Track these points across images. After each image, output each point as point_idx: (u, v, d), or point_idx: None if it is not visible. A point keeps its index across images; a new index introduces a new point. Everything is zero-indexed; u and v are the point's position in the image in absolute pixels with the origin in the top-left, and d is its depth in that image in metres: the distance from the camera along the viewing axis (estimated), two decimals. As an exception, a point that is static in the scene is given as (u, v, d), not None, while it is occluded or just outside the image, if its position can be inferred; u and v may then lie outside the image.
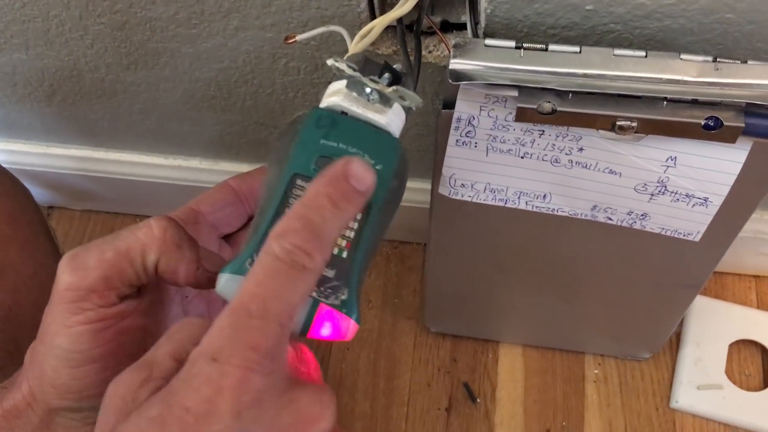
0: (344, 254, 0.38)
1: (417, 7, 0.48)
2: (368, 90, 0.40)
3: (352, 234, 0.38)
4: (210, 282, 0.40)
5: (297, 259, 0.33)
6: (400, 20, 0.48)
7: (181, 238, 0.39)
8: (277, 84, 0.60)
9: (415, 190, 0.71)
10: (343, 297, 0.37)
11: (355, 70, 0.39)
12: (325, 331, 0.37)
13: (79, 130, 0.75)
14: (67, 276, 0.37)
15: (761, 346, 0.80)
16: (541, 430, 0.78)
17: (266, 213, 0.37)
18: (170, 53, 0.58)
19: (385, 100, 0.40)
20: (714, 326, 0.80)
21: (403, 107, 0.41)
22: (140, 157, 0.78)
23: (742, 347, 0.80)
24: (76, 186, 0.86)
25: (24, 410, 0.39)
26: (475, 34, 0.51)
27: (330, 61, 0.39)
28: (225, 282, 0.37)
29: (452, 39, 0.53)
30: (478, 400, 0.80)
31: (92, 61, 0.61)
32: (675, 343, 0.81)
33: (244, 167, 0.75)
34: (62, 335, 0.37)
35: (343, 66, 0.39)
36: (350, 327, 0.37)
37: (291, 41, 0.47)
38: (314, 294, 0.37)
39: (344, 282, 0.37)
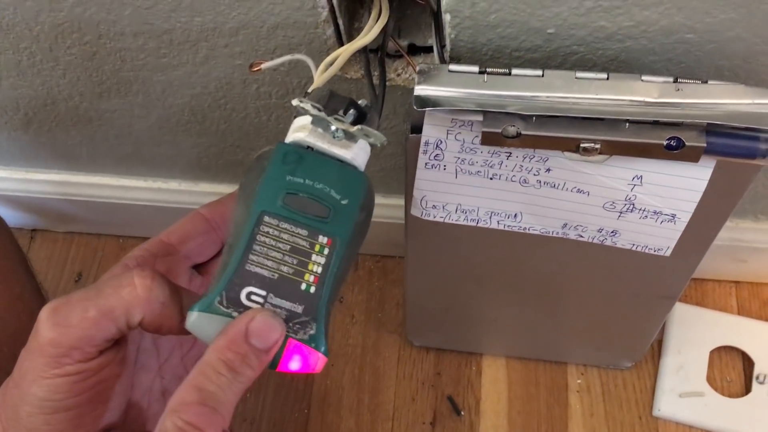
0: (312, 289, 0.38)
1: (382, 33, 0.49)
2: (333, 128, 0.40)
3: (319, 269, 0.39)
4: None
5: None
6: (365, 47, 0.48)
7: (165, 296, 0.39)
8: (249, 108, 0.61)
9: (394, 207, 0.72)
10: (312, 332, 0.38)
11: (320, 110, 0.40)
12: (294, 365, 0.38)
13: (57, 155, 0.76)
14: (48, 331, 0.37)
15: (742, 352, 0.80)
16: (526, 441, 0.78)
17: (235, 250, 0.38)
18: (142, 81, 0.58)
19: (351, 137, 0.41)
20: (695, 333, 0.80)
21: (368, 143, 0.42)
22: (120, 181, 0.79)
23: (723, 354, 0.81)
24: (58, 209, 0.86)
25: None
26: (442, 58, 0.51)
27: (295, 102, 0.40)
28: (194, 320, 0.37)
29: (420, 61, 0.53)
30: (463, 413, 0.80)
31: (65, 90, 0.61)
32: (657, 351, 0.81)
33: (224, 188, 0.75)
34: (39, 385, 0.38)
35: (307, 106, 0.40)
36: (319, 360, 0.39)
37: (256, 69, 0.47)
38: None
39: (312, 317, 0.38)
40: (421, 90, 0.45)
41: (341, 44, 0.51)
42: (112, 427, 0.42)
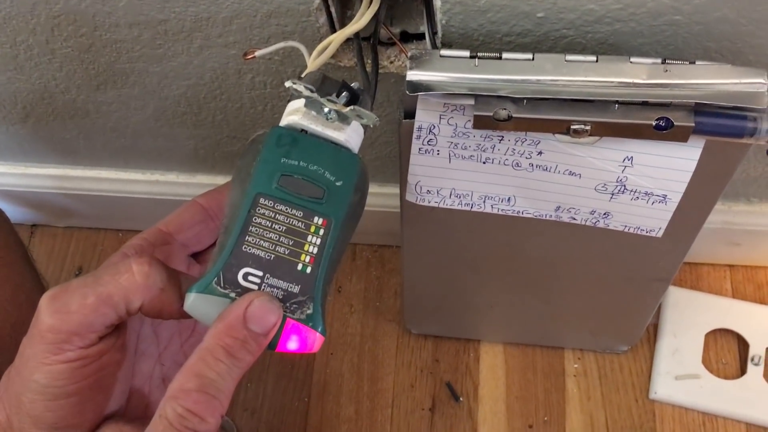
0: (308, 270, 0.39)
1: (374, 20, 0.49)
2: (326, 110, 0.41)
3: (315, 250, 0.39)
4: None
5: (189, 424, 0.35)
6: (357, 34, 0.49)
7: (163, 281, 0.39)
8: (245, 98, 0.61)
9: (391, 195, 0.72)
10: (309, 311, 0.39)
11: (312, 91, 0.40)
12: (292, 344, 0.39)
13: (55, 149, 0.76)
14: (48, 318, 0.38)
15: (737, 335, 0.81)
16: (524, 426, 0.79)
17: (231, 233, 0.39)
18: (138, 73, 0.59)
19: (343, 118, 0.41)
20: (690, 317, 0.81)
21: (361, 125, 0.42)
22: (118, 174, 0.79)
23: (718, 336, 0.82)
24: (57, 204, 0.87)
25: None
26: (434, 44, 0.52)
27: (288, 83, 0.40)
28: (192, 301, 0.38)
29: (412, 49, 0.54)
30: (461, 399, 0.81)
31: (62, 83, 0.62)
32: (652, 334, 0.82)
33: (221, 179, 0.76)
34: (41, 372, 0.38)
35: (300, 88, 0.40)
36: (316, 339, 0.39)
37: (250, 57, 0.47)
38: None
39: (309, 297, 0.39)
40: (413, 75, 0.45)
41: (334, 32, 0.52)
42: (114, 413, 0.43)
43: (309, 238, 0.39)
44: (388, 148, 0.68)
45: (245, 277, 0.38)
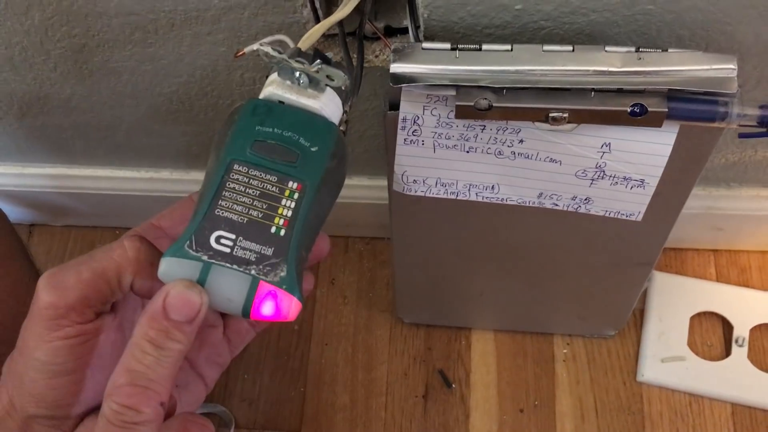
0: (282, 232, 0.39)
1: (359, 14, 0.51)
2: (297, 74, 0.41)
3: (289, 213, 0.39)
4: None
5: (125, 418, 0.36)
6: (341, 26, 0.50)
7: (153, 256, 0.41)
8: (235, 95, 0.63)
9: (381, 188, 0.74)
10: (282, 274, 0.38)
11: (280, 53, 0.41)
12: (267, 309, 0.38)
13: (51, 149, 0.78)
14: (46, 295, 0.39)
15: (721, 317, 0.83)
16: (515, 410, 0.81)
17: (205, 198, 0.39)
18: (130, 72, 0.60)
19: (316, 84, 0.42)
20: (675, 300, 0.83)
21: (336, 90, 0.43)
22: (113, 172, 0.81)
23: (703, 319, 0.84)
24: (55, 203, 0.88)
25: (3, 418, 0.42)
26: (417, 38, 0.53)
27: (255, 45, 0.41)
28: (165, 267, 0.38)
29: (395, 42, 0.56)
30: (454, 386, 0.83)
31: (57, 83, 0.63)
32: (639, 318, 0.84)
33: (214, 175, 0.77)
34: (41, 349, 0.39)
35: (267, 48, 0.41)
36: (292, 305, 0.38)
37: (240, 54, 0.49)
38: (253, 272, 0.38)
39: (283, 259, 0.38)
40: (396, 68, 0.47)
41: (320, 27, 0.53)
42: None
43: (283, 201, 0.39)
44: (377, 141, 0.69)
45: (218, 240, 0.38)
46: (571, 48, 0.47)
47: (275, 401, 0.83)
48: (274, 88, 0.42)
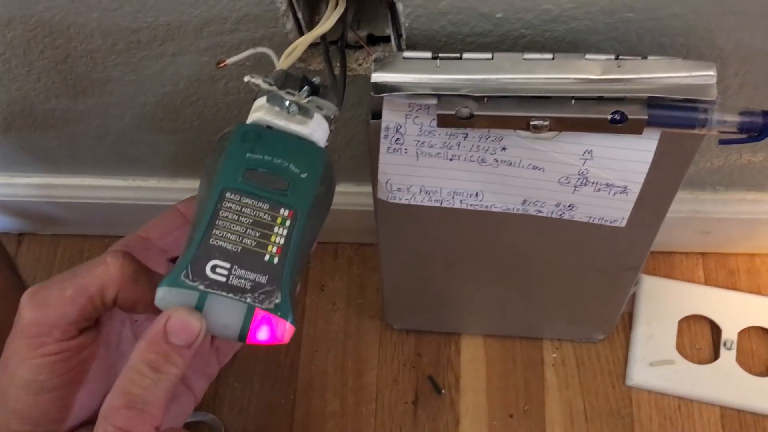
0: (275, 260, 0.40)
1: (342, 24, 0.51)
2: (287, 103, 0.42)
3: (282, 241, 0.40)
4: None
5: None
6: (324, 37, 0.50)
7: (137, 272, 0.41)
8: (220, 104, 0.63)
9: (369, 194, 0.74)
10: (277, 301, 0.39)
11: (271, 84, 0.42)
12: (262, 335, 0.40)
13: (38, 158, 0.78)
14: (29, 313, 0.39)
15: (710, 321, 0.83)
16: (505, 415, 0.81)
17: (199, 227, 0.40)
18: (114, 81, 0.60)
19: (305, 111, 0.42)
20: (664, 304, 0.83)
21: (324, 116, 0.44)
22: (100, 181, 0.81)
23: (691, 322, 0.84)
24: (43, 212, 0.88)
25: None
26: (399, 46, 0.54)
27: (246, 78, 0.42)
28: (162, 295, 0.39)
29: (378, 51, 0.56)
30: (443, 392, 0.83)
31: (42, 93, 0.63)
32: (628, 322, 0.84)
33: (202, 183, 0.77)
34: (24, 367, 0.40)
35: (258, 81, 0.42)
36: (286, 329, 0.40)
37: (222, 65, 0.49)
38: (249, 300, 0.39)
39: (277, 287, 0.39)
40: (377, 77, 0.47)
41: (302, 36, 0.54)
42: (96, 410, 0.44)
43: (275, 229, 0.40)
44: (364, 148, 0.69)
45: (213, 269, 0.39)
46: (551, 56, 0.47)
47: (265, 408, 0.83)
48: (262, 114, 0.42)
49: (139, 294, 0.41)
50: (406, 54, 0.48)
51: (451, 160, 0.53)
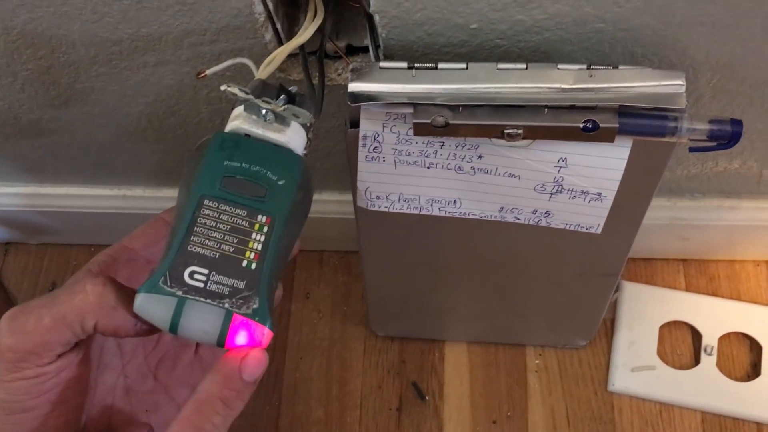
0: (253, 266, 0.40)
1: (321, 34, 0.52)
2: (264, 111, 0.43)
3: (259, 246, 0.41)
4: (148, 330, 0.42)
5: None
6: (303, 48, 0.51)
7: (117, 300, 0.41)
8: (202, 113, 0.64)
9: (351, 203, 0.75)
10: (255, 306, 0.40)
11: (247, 93, 0.42)
12: (241, 339, 0.40)
13: (24, 168, 0.78)
14: (6, 338, 0.39)
15: (690, 326, 0.84)
16: (488, 421, 0.81)
17: (177, 233, 0.40)
18: (97, 92, 0.61)
19: (282, 120, 0.43)
20: (645, 310, 0.84)
21: (301, 124, 0.44)
22: (85, 190, 0.81)
23: (672, 328, 0.84)
24: (29, 221, 0.89)
25: None
26: (377, 57, 0.54)
27: (223, 87, 0.42)
28: (140, 302, 0.40)
29: (356, 61, 0.57)
30: (427, 398, 0.83)
31: (26, 103, 0.64)
32: (610, 328, 0.85)
33: (186, 192, 0.78)
34: (0, 388, 0.40)
35: (234, 90, 0.42)
36: (264, 334, 0.40)
37: (202, 76, 0.50)
38: (227, 305, 0.40)
39: (255, 292, 0.40)
40: (354, 86, 0.48)
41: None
42: (75, 424, 0.44)
43: (253, 235, 0.40)
44: (344, 157, 0.70)
45: (191, 275, 0.40)
46: (524, 66, 0.48)
47: (249, 415, 0.84)
48: (240, 123, 0.43)
49: (120, 321, 0.41)
50: (383, 64, 0.48)
51: (428, 168, 0.53)
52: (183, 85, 0.59)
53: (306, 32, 0.50)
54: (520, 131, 0.48)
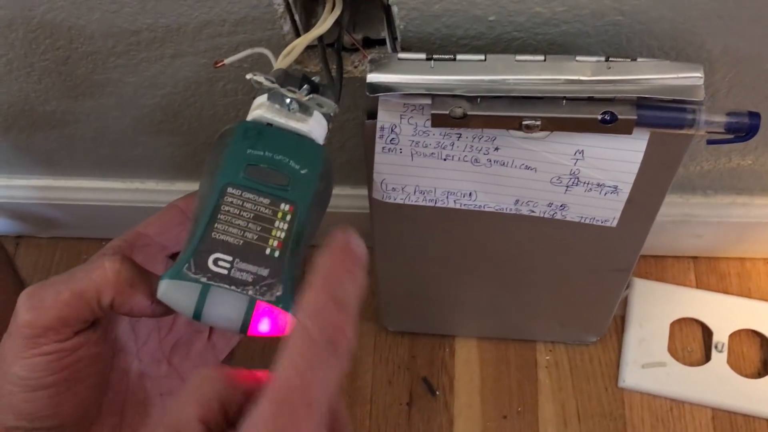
0: (276, 253, 0.40)
1: (338, 26, 0.52)
2: (288, 100, 0.43)
3: (282, 234, 0.41)
4: (163, 311, 0.42)
5: (333, 338, 0.33)
6: (321, 39, 0.51)
7: (134, 277, 0.41)
8: (218, 106, 0.64)
9: (363, 197, 0.75)
10: (278, 293, 0.40)
11: (273, 82, 0.43)
12: (264, 327, 0.40)
13: (37, 160, 0.78)
14: (24, 313, 0.39)
15: (701, 323, 0.84)
16: (498, 416, 0.82)
17: (201, 221, 0.40)
18: (114, 83, 0.61)
19: (305, 109, 0.43)
20: (655, 307, 0.84)
21: (323, 114, 0.44)
22: (98, 183, 0.82)
23: (683, 325, 0.85)
24: (41, 215, 0.89)
25: None
26: (394, 49, 0.55)
27: (249, 75, 0.43)
28: (164, 288, 0.39)
29: (373, 53, 0.57)
30: (438, 393, 0.83)
31: (42, 95, 0.64)
32: (620, 325, 0.85)
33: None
34: (18, 365, 0.40)
35: (261, 79, 0.42)
36: (288, 321, 0.40)
37: (219, 65, 0.50)
38: (250, 292, 0.39)
39: (278, 279, 0.40)
40: (373, 77, 0.48)
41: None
42: (91, 406, 0.45)
43: (276, 223, 0.41)
44: (358, 151, 0.70)
45: (215, 262, 0.39)
46: (543, 58, 0.48)
47: (261, 410, 0.84)
48: (263, 111, 0.43)
49: (136, 300, 0.41)
50: (401, 55, 0.49)
51: (445, 160, 0.54)
52: (199, 77, 0.60)
53: (325, 23, 0.50)
54: (539, 123, 0.48)
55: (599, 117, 0.48)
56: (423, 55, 0.48)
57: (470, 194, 0.57)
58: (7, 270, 0.63)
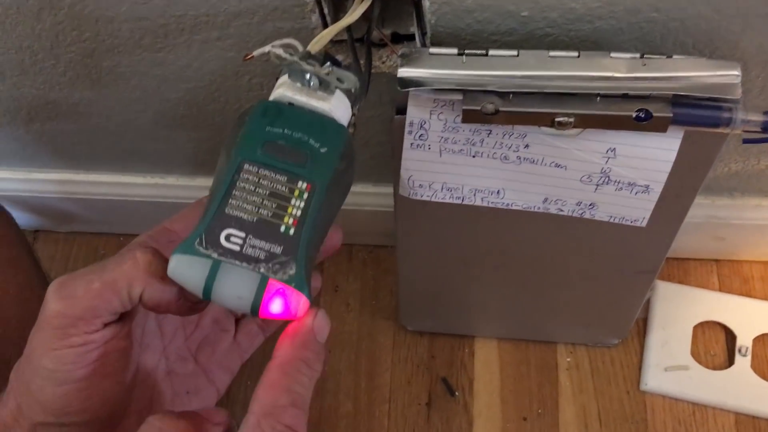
0: (291, 231, 0.39)
1: (367, 20, 0.52)
2: (307, 76, 0.42)
3: (299, 213, 0.39)
4: (190, 310, 0.42)
5: None
6: (350, 32, 0.51)
7: (164, 270, 0.40)
8: (243, 100, 0.63)
9: (385, 195, 0.74)
10: (291, 272, 0.38)
11: (291, 54, 0.42)
12: (276, 307, 0.39)
13: (58, 154, 0.78)
14: (54, 304, 0.39)
15: (724, 327, 0.83)
16: (518, 418, 0.81)
17: (215, 196, 0.39)
18: (139, 76, 0.61)
19: (326, 86, 0.42)
20: (678, 310, 0.83)
21: (346, 94, 0.44)
22: (119, 178, 0.81)
23: (706, 328, 0.84)
24: (59, 209, 0.89)
25: (11, 425, 0.42)
26: (423, 44, 0.54)
27: (268, 48, 0.42)
28: (175, 264, 0.39)
29: (403, 48, 0.56)
30: (457, 394, 0.83)
31: (66, 87, 0.64)
32: (642, 328, 0.84)
33: (220, 182, 0.78)
34: (48, 357, 0.40)
35: (279, 50, 0.42)
36: (301, 303, 0.39)
37: (249, 58, 0.49)
38: (262, 270, 0.38)
39: (292, 257, 0.39)
40: (403, 72, 0.48)
41: (328, 33, 0.54)
42: (119, 402, 0.44)
43: (293, 201, 0.39)
44: (382, 148, 0.70)
45: (227, 238, 0.38)
46: (576, 54, 0.47)
47: (278, 408, 0.83)
48: (284, 90, 0.42)
49: (165, 293, 0.40)
50: (432, 50, 0.48)
51: (473, 157, 0.53)
52: (226, 71, 0.59)
53: (354, 13, 0.49)
54: (572, 119, 0.48)
55: (634, 114, 0.47)
56: (455, 50, 0.48)
57: (498, 192, 0.56)
58: (30, 263, 0.63)
